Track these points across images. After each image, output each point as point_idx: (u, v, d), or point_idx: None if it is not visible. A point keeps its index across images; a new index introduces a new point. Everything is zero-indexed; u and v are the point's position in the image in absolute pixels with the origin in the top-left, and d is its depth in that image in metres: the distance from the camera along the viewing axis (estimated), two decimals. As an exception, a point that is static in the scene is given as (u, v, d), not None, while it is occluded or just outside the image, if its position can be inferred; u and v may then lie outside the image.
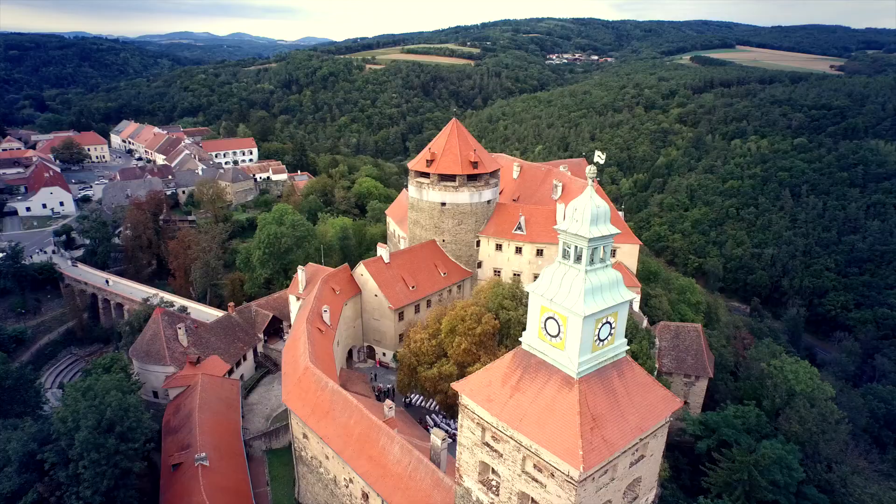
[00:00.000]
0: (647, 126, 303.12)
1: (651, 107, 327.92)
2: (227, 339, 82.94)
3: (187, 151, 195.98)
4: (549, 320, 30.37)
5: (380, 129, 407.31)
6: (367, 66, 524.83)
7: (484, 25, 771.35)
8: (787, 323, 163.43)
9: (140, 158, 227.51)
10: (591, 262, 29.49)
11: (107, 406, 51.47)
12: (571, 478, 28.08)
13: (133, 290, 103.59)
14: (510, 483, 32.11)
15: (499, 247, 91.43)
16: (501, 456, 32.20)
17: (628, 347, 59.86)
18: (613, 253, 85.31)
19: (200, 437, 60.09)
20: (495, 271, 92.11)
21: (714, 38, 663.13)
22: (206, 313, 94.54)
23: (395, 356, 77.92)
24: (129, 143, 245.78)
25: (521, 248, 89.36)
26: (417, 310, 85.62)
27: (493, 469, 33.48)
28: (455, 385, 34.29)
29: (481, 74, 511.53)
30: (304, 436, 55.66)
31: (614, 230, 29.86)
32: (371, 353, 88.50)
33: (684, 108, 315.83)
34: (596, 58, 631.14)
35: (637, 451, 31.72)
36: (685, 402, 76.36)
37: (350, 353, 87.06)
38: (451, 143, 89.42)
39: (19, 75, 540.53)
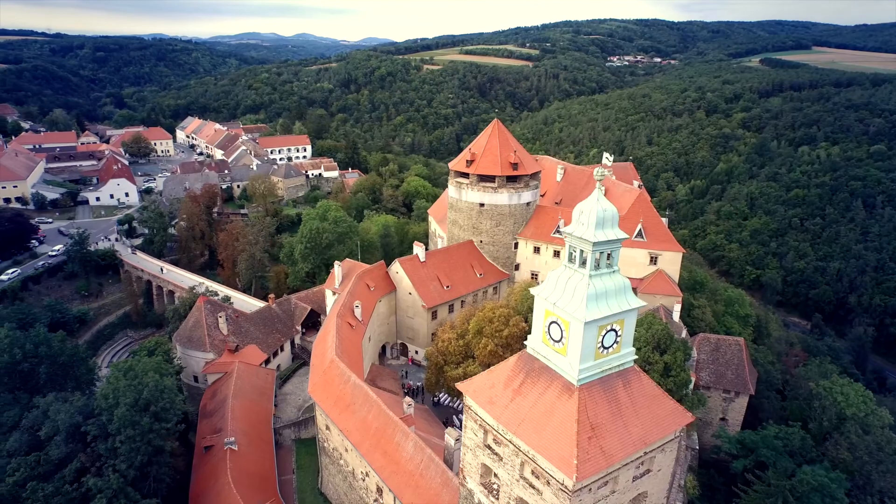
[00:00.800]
0: (707, 131, 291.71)
1: (713, 111, 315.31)
2: (265, 329, 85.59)
3: (244, 147, 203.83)
4: (553, 325, 29.81)
5: (435, 130, 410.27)
6: (425, 66, 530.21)
7: (544, 27, 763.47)
8: (852, 342, 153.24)
9: (201, 153, 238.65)
10: (597, 266, 28.76)
11: (144, 386, 54.25)
12: (566, 487, 27.45)
13: (184, 279, 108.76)
14: (509, 487, 31.72)
15: (537, 250, 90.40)
16: (501, 459, 31.86)
17: (663, 360, 59.15)
18: (655, 260, 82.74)
19: (232, 423, 62.31)
20: (532, 274, 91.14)
21: (788, 39, 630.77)
22: (249, 304, 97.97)
23: (426, 354, 78.37)
24: (193, 138, 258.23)
25: (559, 252, 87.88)
26: (451, 309, 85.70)
27: (494, 472, 33.19)
28: (459, 385, 34.20)
29: (539, 76, 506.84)
30: (327, 427, 56.82)
31: (622, 235, 28.99)
32: (404, 350, 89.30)
33: (749, 112, 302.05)
34: (658, 60, 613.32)
35: (642, 464, 30.64)
36: (723, 419, 73.03)
37: (383, 349, 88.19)
38: (491, 143, 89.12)
39: (103, 75, 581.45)
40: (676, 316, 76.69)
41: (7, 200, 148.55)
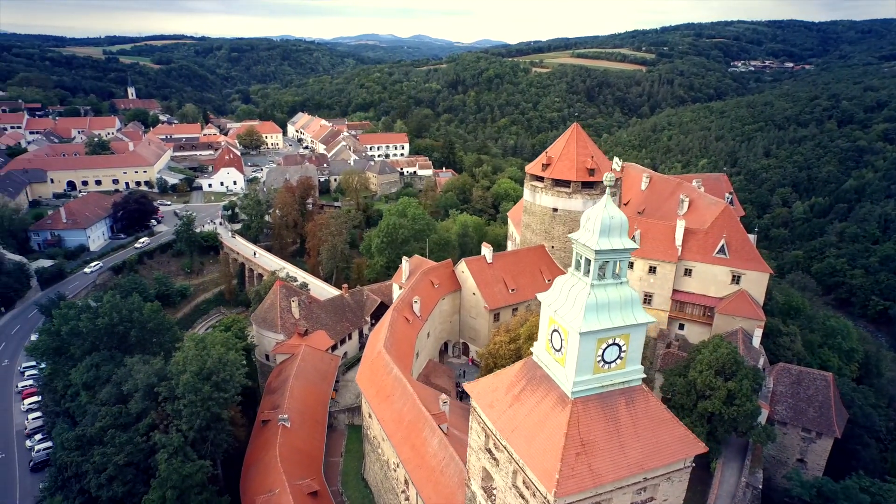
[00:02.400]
0: (837, 143, 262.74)
1: (847, 121, 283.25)
2: (335, 317, 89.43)
3: (344, 143, 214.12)
4: (555, 333, 28.87)
5: (539, 133, 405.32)
6: (534, 69, 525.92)
7: (663, 29, 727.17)
8: None
9: (306, 147, 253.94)
10: (602, 276, 27.43)
11: (209, 357, 59.02)
12: (548, 501, 26.50)
13: (272, 264, 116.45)
14: (503, 494, 31.16)
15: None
16: (498, 465, 31.38)
17: (726, 386, 54.61)
18: (738, 279, 76.38)
19: (289, 401, 65.87)
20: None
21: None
22: (327, 292, 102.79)
23: (477, 355, 78.25)
24: (301, 132, 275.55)
25: (632, 263, 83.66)
26: (515, 312, 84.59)
27: (493, 477, 32.71)
28: (466, 385, 34.07)
29: (652, 81, 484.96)
30: (370, 415, 58.55)
31: (630, 245, 27.39)
32: (466, 349, 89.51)
33: (894, 123, 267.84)
34: (790, 65, 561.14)
35: (643, 491, 28.81)
36: (801, 460, 65.87)
37: (446, 346, 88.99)
38: (568, 147, 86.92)
39: (235, 73, 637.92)
40: (757, 341, 70.57)
41: (138, 184, 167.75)
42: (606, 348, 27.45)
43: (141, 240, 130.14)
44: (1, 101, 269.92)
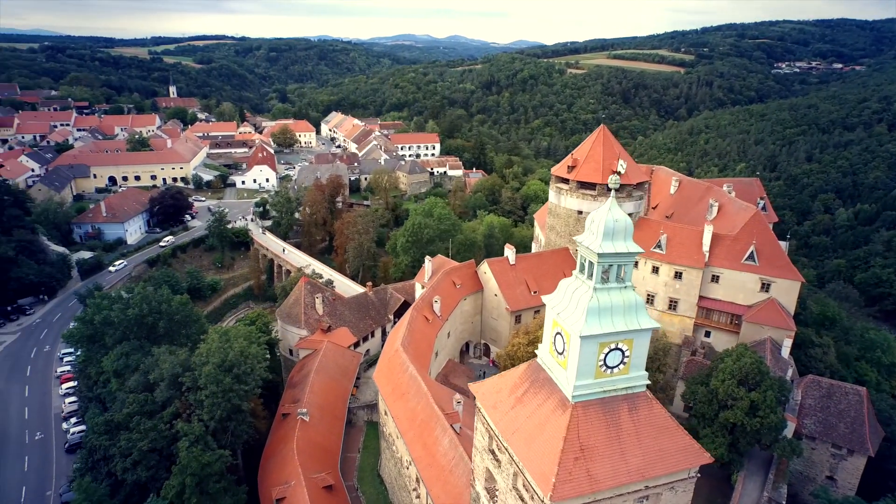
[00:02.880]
0: (886, 147, 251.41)
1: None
2: (359, 314, 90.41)
3: (375, 142, 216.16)
4: (558, 336, 28.63)
5: (573, 135, 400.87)
6: (569, 70, 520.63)
7: (704, 30, 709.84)
8: None
9: (339, 146, 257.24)
10: (605, 280, 27.07)
11: (230, 350, 60.40)
12: (545, 505, 26.32)
13: (300, 260, 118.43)
14: (504, 496, 31.09)
15: (635, 264, 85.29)
16: (500, 466, 31.30)
17: (749, 396, 53.10)
18: (767, 287, 74.07)
19: (309, 396, 66.98)
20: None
21: None
22: (352, 289, 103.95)
23: (496, 356, 78.05)
24: (334, 131, 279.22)
25: (657, 268, 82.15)
26: (536, 315, 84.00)
27: (495, 478, 32.64)
28: (471, 386, 34.08)
29: (690, 83, 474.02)
30: (386, 413, 59.04)
31: (635, 249, 26.95)
32: (487, 350, 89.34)
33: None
34: (839, 66, 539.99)
35: (644, 499, 28.29)
36: (830, 478, 63.41)
37: (467, 347, 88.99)
38: (595, 149, 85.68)
39: (273, 72, 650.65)
40: (786, 352, 68.19)
41: (174, 180, 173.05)
42: (609, 353, 27.09)
43: (165, 239, 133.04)
44: (52, 99, 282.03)
